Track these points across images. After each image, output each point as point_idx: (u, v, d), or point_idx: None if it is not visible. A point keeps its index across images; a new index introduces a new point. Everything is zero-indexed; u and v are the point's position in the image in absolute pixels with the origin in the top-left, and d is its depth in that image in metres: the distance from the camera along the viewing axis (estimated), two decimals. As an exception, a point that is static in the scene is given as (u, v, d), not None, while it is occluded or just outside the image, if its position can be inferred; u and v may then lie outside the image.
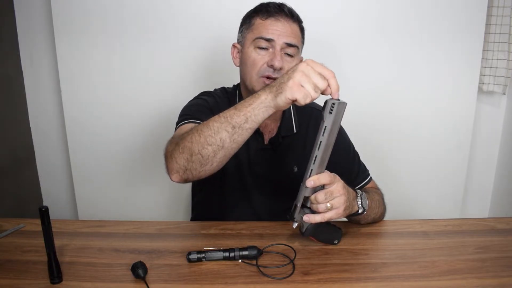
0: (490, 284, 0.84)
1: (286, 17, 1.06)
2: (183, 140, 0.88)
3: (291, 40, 1.06)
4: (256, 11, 1.10)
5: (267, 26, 1.06)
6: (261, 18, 1.07)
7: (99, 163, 1.84)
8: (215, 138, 0.84)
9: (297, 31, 1.08)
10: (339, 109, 0.81)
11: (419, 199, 1.93)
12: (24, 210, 1.82)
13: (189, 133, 0.89)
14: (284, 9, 1.07)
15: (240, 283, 0.83)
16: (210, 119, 0.87)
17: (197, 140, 0.86)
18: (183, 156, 0.87)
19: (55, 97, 1.83)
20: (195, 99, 1.19)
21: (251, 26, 1.09)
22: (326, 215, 0.89)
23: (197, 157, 0.86)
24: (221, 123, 0.84)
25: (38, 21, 1.74)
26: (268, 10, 1.07)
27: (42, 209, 0.78)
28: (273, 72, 1.04)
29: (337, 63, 1.73)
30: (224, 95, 1.19)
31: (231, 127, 0.84)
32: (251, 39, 1.07)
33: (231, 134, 0.84)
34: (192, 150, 0.86)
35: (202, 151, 0.85)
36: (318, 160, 0.85)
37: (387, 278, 0.85)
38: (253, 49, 1.07)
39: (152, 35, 1.69)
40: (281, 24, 1.05)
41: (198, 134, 0.86)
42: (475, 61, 1.76)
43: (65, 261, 0.89)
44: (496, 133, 1.96)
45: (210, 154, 0.85)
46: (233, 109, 0.85)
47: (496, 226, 1.09)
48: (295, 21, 1.08)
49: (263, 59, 1.06)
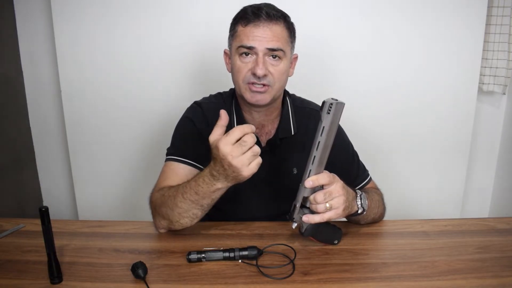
0: (490, 284, 0.84)
1: (265, 21, 1.02)
2: (160, 210, 0.99)
3: (273, 45, 1.03)
4: (237, 18, 1.07)
5: (247, 34, 1.03)
6: (242, 25, 1.05)
7: (99, 163, 1.84)
8: (188, 213, 0.96)
9: (279, 32, 1.04)
10: (337, 109, 0.81)
11: (419, 199, 1.93)
12: (24, 210, 1.82)
13: (164, 204, 0.98)
14: (261, 13, 1.02)
15: (240, 283, 0.83)
16: (178, 198, 0.95)
17: (173, 214, 0.97)
18: (165, 221, 1.00)
19: (55, 97, 1.83)
20: (183, 119, 1.17)
21: (235, 33, 1.07)
22: (325, 215, 0.89)
23: (177, 224, 0.98)
24: (189, 204, 0.95)
25: (38, 21, 1.74)
26: (247, 16, 1.04)
27: (42, 209, 0.78)
28: (258, 79, 1.03)
29: (337, 64, 1.74)
30: (219, 100, 1.18)
31: (200, 206, 0.95)
32: (235, 47, 1.06)
33: (201, 209, 0.96)
34: (171, 219, 0.98)
35: (180, 221, 0.98)
36: (316, 160, 0.85)
37: (387, 278, 0.85)
38: (238, 57, 1.06)
39: (152, 36, 1.69)
40: (261, 30, 1.02)
41: (171, 210, 0.97)
42: (475, 61, 1.76)
43: (65, 261, 0.89)
44: (496, 133, 1.96)
45: (187, 222, 0.98)
46: (195, 194, 0.93)
47: (496, 226, 1.09)
48: (276, 23, 1.03)
49: (247, 66, 1.05)
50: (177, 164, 1.09)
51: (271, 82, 1.05)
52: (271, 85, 1.05)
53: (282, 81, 1.08)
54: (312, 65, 1.69)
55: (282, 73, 1.06)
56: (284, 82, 1.10)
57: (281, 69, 1.06)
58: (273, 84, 1.05)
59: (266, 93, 1.05)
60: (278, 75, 1.05)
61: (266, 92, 1.05)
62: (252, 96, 1.06)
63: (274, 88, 1.06)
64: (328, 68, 1.74)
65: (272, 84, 1.05)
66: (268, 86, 1.05)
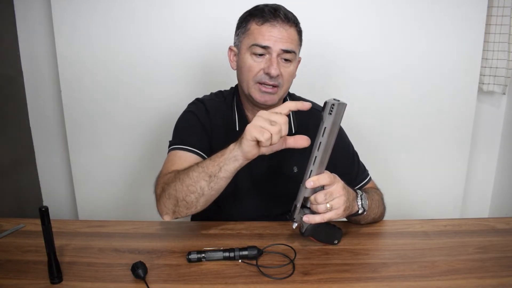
0: (490, 284, 0.84)
1: (282, 22, 1.03)
2: (168, 187, 0.97)
3: (288, 46, 1.04)
4: (252, 15, 1.06)
5: (263, 32, 1.03)
6: (257, 23, 1.04)
7: (99, 163, 1.84)
8: (195, 187, 0.93)
9: (293, 35, 1.06)
10: (338, 110, 0.81)
11: (419, 199, 1.93)
12: (24, 210, 1.82)
13: (173, 180, 0.97)
14: (280, 14, 1.03)
15: (240, 283, 0.84)
16: (190, 168, 0.95)
17: (180, 189, 0.95)
18: (170, 201, 0.97)
19: (55, 97, 1.83)
20: (186, 112, 1.17)
21: (247, 31, 1.06)
22: (326, 215, 0.89)
23: (182, 203, 0.96)
24: (199, 172, 0.93)
25: (38, 21, 1.74)
26: (264, 15, 1.03)
27: (42, 209, 0.78)
28: (270, 79, 1.04)
29: (337, 64, 1.74)
30: (220, 98, 1.18)
31: (208, 176, 0.92)
32: (247, 44, 1.06)
33: (208, 182, 0.92)
34: (177, 197, 0.95)
35: (186, 198, 0.95)
36: (317, 161, 0.85)
37: (387, 278, 0.85)
38: (249, 55, 1.05)
39: (152, 35, 1.69)
40: (277, 30, 1.03)
41: (180, 183, 0.95)
42: (475, 61, 1.76)
43: (65, 261, 0.89)
44: (496, 133, 1.96)
45: (193, 200, 0.95)
46: (209, 160, 0.93)
47: (496, 226, 1.09)
48: (291, 25, 1.05)
49: (259, 65, 1.05)
50: (183, 152, 1.07)
51: (280, 83, 1.06)
52: (280, 86, 1.06)
53: (290, 83, 1.10)
54: (312, 64, 1.69)
55: (291, 75, 1.08)
56: (291, 84, 1.11)
57: (291, 71, 1.07)
58: (282, 85, 1.06)
59: (275, 94, 1.06)
60: (287, 77, 1.07)
61: (275, 93, 1.06)
62: (261, 96, 1.06)
63: (282, 89, 1.07)
64: (327, 68, 1.74)
65: (281, 86, 1.06)
66: (277, 87, 1.06)
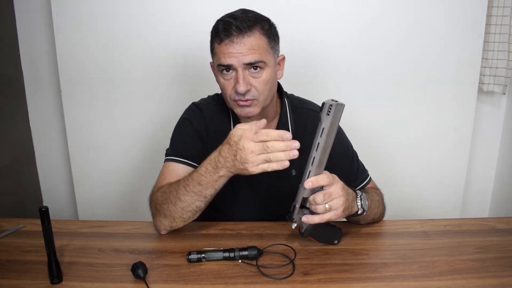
0: (490, 284, 0.84)
1: (238, 35, 0.97)
2: (161, 208, 0.99)
3: (250, 59, 0.98)
4: (213, 34, 1.03)
5: (223, 51, 0.99)
6: (217, 43, 1.00)
7: (99, 163, 1.84)
8: (191, 207, 0.96)
9: (255, 43, 0.98)
10: (336, 110, 0.81)
11: (419, 199, 1.93)
12: (24, 210, 1.82)
13: (164, 201, 0.98)
14: (232, 29, 0.97)
15: (240, 283, 0.84)
16: (180, 191, 0.95)
17: (174, 210, 0.97)
18: (167, 220, 0.99)
19: (55, 97, 1.83)
20: (182, 119, 1.17)
21: (213, 51, 1.04)
22: (325, 216, 0.89)
23: (180, 219, 0.98)
24: (192, 197, 0.94)
25: (38, 21, 1.74)
26: (218, 34, 0.99)
27: (42, 209, 0.78)
28: (242, 96, 1.01)
29: (336, 65, 1.74)
30: (217, 102, 1.17)
31: (203, 197, 0.94)
32: (216, 64, 1.04)
33: (204, 201, 0.95)
34: (173, 216, 0.98)
35: (183, 216, 0.98)
36: (316, 161, 0.85)
37: (387, 278, 0.86)
38: (220, 75, 1.04)
39: (153, 36, 1.69)
40: (235, 46, 0.97)
41: (173, 205, 0.96)
42: (475, 61, 1.76)
43: (65, 261, 0.90)
44: (496, 133, 1.96)
45: (190, 216, 0.98)
46: (198, 185, 0.93)
47: (496, 226, 1.09)
48: (250, 33, 0.98)
49: (230, 84, 1.02)
50: (176, 165, 1.09)
51: (255, 95, 1.02)
52: (256, 98, 1.02)
53: (268, 90, 1.04)
54: (312, 64, 1.69)
55: (266, 82, 1.03)
56: (271, 89, 1.07)
57: (264, 79, 1.02)
58: (258, 96, 1.02)
59: (253, 106, 1.03)
60: (261, 87, 1.02)
61: (252, 106, 1.03)
62: (241, 111, 1.04)
63: (260, 100, 1.03)
64: (328, 68, 1.74)
65: (257, 97, 1.02)
66: (253, 100, 1.02)
